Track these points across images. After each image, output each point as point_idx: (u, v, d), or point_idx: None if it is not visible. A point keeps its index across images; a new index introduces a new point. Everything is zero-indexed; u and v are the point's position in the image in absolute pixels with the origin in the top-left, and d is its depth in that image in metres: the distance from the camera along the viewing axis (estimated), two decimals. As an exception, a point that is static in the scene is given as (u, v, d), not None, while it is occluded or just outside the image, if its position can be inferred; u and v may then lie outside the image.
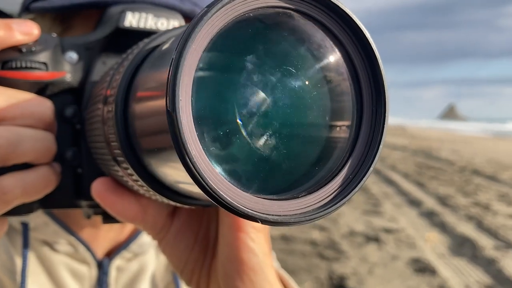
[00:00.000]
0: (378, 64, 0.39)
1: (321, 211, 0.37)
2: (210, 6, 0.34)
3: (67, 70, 0.66)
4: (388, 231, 6.49)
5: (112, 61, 0.68)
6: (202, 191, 0.34)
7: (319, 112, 0.41)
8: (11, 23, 0.62)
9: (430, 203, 8.23)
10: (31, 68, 0.62)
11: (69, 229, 0.90)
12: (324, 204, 0.38)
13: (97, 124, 0.55)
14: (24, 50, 0.62)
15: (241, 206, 0.35)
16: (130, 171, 0.49)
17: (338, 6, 0.37)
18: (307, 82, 0.40)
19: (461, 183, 10.46)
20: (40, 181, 0.61)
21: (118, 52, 0.69)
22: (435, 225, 6.84)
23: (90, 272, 0.92)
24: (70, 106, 0.66)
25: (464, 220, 7.08)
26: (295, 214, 0.37)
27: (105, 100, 0.52)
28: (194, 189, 0.37)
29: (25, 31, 0.62)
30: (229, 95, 0.38)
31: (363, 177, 0.39)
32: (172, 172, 0.41)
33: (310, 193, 0.38)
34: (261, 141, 0.39)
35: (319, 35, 0.39)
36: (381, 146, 0.39)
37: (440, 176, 11.32)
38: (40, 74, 0.63)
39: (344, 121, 0.41)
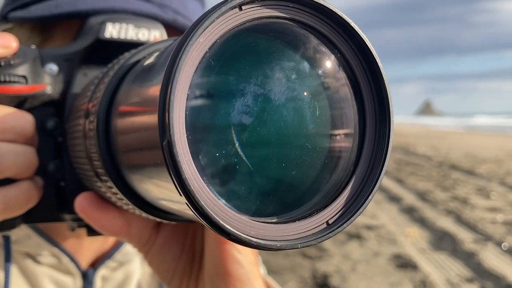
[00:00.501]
0: (379, 67, 0.36)
1: (320, 237, 0.35)
2: (200, 21, 0.31)
3: (48, 83, 0.65)
4: (369, 227, 6.57)
5: (93, 73, 0.67)
6: (195, 213, 0.32)
7: (319, 122, 0.38)
8: None
9: (409, 198, 8.35)
10: (10, 82, 0.61)
11: (53, 241, 0.89)
12: (324, 228, 0.35)
13: (78, 139, 0.54)
14: (2, 63, 0.61)
15: (235, 231, 0.32)
16: (114, 189, 0.48)
17: (332, 11, 0.35)
18: (305, 93, 0.38)
19: (439, 178, 10.64)
20: (22, 197, 0.60)
21: (99, 64, 0.68)
22: (415, 221, 6.94)
23: (74, 283, 0.91)
24: (52, 119, 0.65)
25: (443, 214, 7.20)
26: (294, 239, 0.34)
27: (87, 114, 0.50)
28: (178, 207, 0.35)
29: (3, 44, 0.62)
30: (223, 111, 0.35)
31: (369, 195, 0.36)
32: (157, 190, 0.39)
33: (308, 216, 0.35)
34: (258, 159, 0.36)
35: (314, 42, 0.37)
36: (388, 155, 0.37)
37: (419, 172, 11.50)
38: (19, 88, 0.62)
39: (345, 129, 0.38)
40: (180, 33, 0.80)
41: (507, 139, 26.53)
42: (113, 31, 0.67)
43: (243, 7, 0.32)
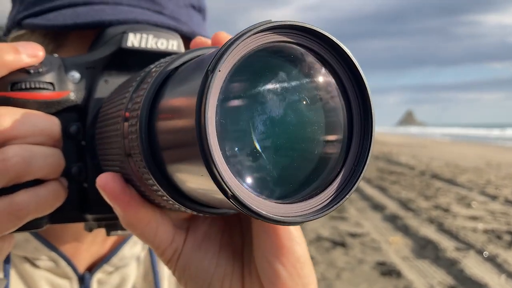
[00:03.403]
0: (364, 82, 0.46)
1: (320, 213, 0.44)
2: (233, 41, 0.40)
3: (71, 89, 0.69)
4: (353, 235, 6.62)
5: (114, 79, 0.71)
6: (229, 199, 0.40)
7: (316, 128, 0.47)
8: (18, 46, 0.64)
9: (392, 207, 8.45)
10: (39, 88, 0.65)
11: (50, 245, 0.90)
12: (324, 206, 0.45)
13: (115, 142, 0.57)
14: (32, 71, 0.64)
15: (260, 210, 0.41)
16: (152, 181, 0.51)
17: (327, 36, 0.44)
18: (304, 102, 0.47)
19: (421, 187, 10.79)
20: (51, 196, 0.63)
21: (120, 71, 0.71)
22: (398, 229, 7.02)
23: (71, 287, 0.91)
24: (75, 124, 0.68)
25: (426, 223, 7.30)
26: (301, 215, 0.44)
27: (126, 119, 0.54)
28: (217, 197, 0.42)
29: (31, 53, 0.64)
30: (245, 115, 0.44)
31: (354, 184, 0.46)
32: (196, 182, 0.45)
33: (309, 198, 0.45)
34: (272, 155, 0.45)
35: (311, 60, 0.46)
36: (370, 156, 0.46)
37: (402, 181, 11.65)
38: (47, 94, 0.65)
39: (336, 135, 0.47)
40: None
41: (487, 149, 27.05)
42: (134, 40, 0.70)
43: (262, 33, 0.41)
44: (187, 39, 0.80)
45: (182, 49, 0.73)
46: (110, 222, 0.71)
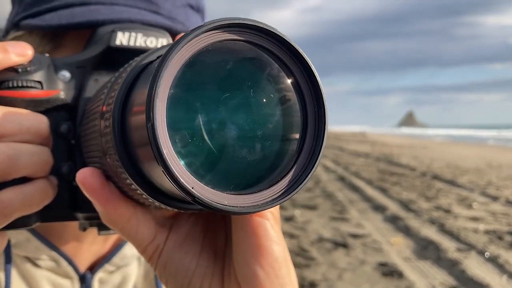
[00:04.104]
0: (318, 83, 0.47)
1: (271, 203, 0.47)
2: (179, 40, 0.41)
3: (61, 88, 0.69)
4: (355, 236, 6.62)
5: (103, 78, 0.71)
6: (180, 191, 0.42)
7: (275, 126, 0.49)
8: (6, 45, 0.64)
9: (394, 208, 8.44)
10: (27, 87, 0.65)
11: (51, 245, 0.90)
12: (274, 198, 0.47)
13: (95, 139, 0.58)
14: (20, 70, 0.64)
15: (212, 201, 0.43)
16: (128, 180, 0.51)
17: (284, 39, 0.45)
18: (264, 100, 0.48)
19: (422, 188, 10.78)
20: (38, 194, 0.63)
21: (109, 70, 0.71)
22: (400, 230, 7.01)
23: (73, 286, 0.92)
24: (65, 123, 0.69)
25: (427, 224, 7.29)
26: (253, 205, 0.46)
27: (102, 115, 0.54)
28: (164, 182, 0.44)
29: (20, 52, 0.65)
30: (197, 110, 0.45)
31: (304, 180, 0.48)
32: (161, 177, 0.46)
33: (262, 190, 0.47)
34: (227, 150, 0.47)
35: (266, 59, 0.47)
36: (321, 155, 0.48)
37: (403, 182, 11.64)
38: (36, 93, 0.65)
39: (293, 133, 0.49)
40: None
41: (488, 150, 27.03)
42: (123, 39, 0.70)
43: (211, 31, 0.42)
44: None
45: None
46: (101, 221, 0.71)
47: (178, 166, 0.41)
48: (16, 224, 0.63)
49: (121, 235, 0.60)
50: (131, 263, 0.99)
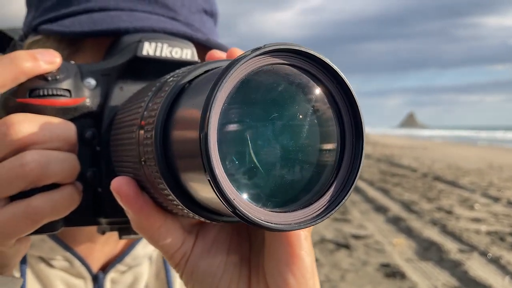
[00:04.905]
0: (353, 96, 0.49)
1: (316, 220, 0.48)
2: (232, 63, 0.43)
3: (87, 96, 0.70)
4: (357, 237, 6.62)
5: (129, 87, 0.73)
6: (228, 207, 0.43)
7: (312, 137, 0.50)
8: (36, 53, 0.65)
9: (395, 209, 8.45)
10: (57, 95, 0.66)
11: (66, 245, 0.91)
12: (318, 214, 0.48)
13: (130, 149, 0.59)
14: (49, 78, 0.66)
15: (258, 220, 0.45)
16: (166, 190, 0.53)
17: (322, 60, 0.47)
18: (300, 116, 0.50)
19: (424, 189, 10.78)
20: (66, 200, 0.64)
21: (134, 78, 0.73)
22: (402, 231, 7.02)
23: (86, 286, 0.93)
24: (90, 129, 0.70)
25: (429, 225, 7.29)
26: (298, 223, 0.47)
27: (141, 126, 0.56)
28: (209, 196, 0.45)
29: (49, 60, 0.66)
30: (244, 129, 0.47)
31: (349, 191, 0.49)
32: (205, 192, 0.47)
33: (306, 206, 0.48)
34: (270, 167, 0.48)
35: (305, 78, 0.49)
36: (362, 164, 0.49)
37: (404, 183, 11.64)
38: (65, 101, 0.67)
39: (331, 143, 0.50)
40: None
41: (489, 151, 27.02)
42: (149, 49, 0.72)
43: (262, 56, 0.45)
44: (201, 46, 0.82)
45: (196, 58, 0.75)
46: (123, 226, 0.73)
47: (224, 178, 0.43)
48: (43, 229, 0.64)
49: (149, 242, 0.61)
50: (143, 263, 1.00)
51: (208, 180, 0.42)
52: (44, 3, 0.89)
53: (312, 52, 0.46)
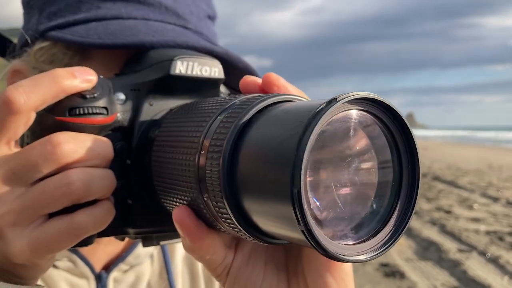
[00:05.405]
0: (409, 130, 0.53)
1: (383, 250, 0.51)
2: (320, 111, 0.46)
3: (117, 110, 0.72)
4: (356, 237, 6.62)
5: (158, 102, 0.74)
6: (319, 251, 0.46)
7: (384, 184, 0.54)
8: (74, 71, 0.66)
9: (395, 209, 8.44)
10: (95, 113, 0.67)
11: None
12: (384, 243, 0.52)
13: (183, 172, 0.60)
14: (88, 96, 0.67)
15: (341, 255, 0.48)
16: (230, 220, 0.54)
17: (392, 107, 0.51)
18: (374, 161, 0.54)
19: (423, 189, 10.78)
20: (106, 214, 0.66)
21: (164, 94, 0.75)
22: (401, 231, 7.02)
23: (89, 286, 0.94)
24: (119, 143, 0.72)
25: (428, 224, 7.30)
26: (367, 254, 0.51)
27: (202, 148, 0.57)
28: (296, 238, 0.48)
29: (86, 79, 0.67)
30: (325, 176, 0.51)
31: (408, 220, 0.53)
32: (281, 228, 0.50)
33: (372, 237, 0.52)
34: (346, 205, 0.52)
35: (376, 125, 0.53)
36: (419, 191, 0.53)
37: (403, 183, 11.62)
38: (103, 119, 0.69)
39: (389, 191, 0.54)
40: (232, 64, 0.86)
41: (489, 152, 27.01)
42: (181, 68, 0.74)
43: (338, 104, 0.47)
44: (219, 58, 0.82)
45: (222, 75, 0.78)
46: (148, 235, 0.75)
47: (317, 230, 0.46)
48: (80, 243, 0.65)
49: (195, 258, 0.64)
50: (144, 261, 1.01)
51: (302, 231, 0.45)
52: (50, 6, 0.87)
53: (378, 98, 0.49)
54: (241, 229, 0.54)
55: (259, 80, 0.64)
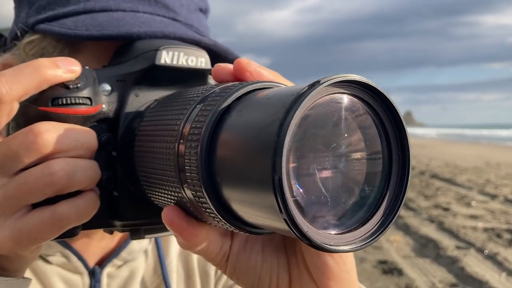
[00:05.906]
0: (398, 114, 0.52)
1: (370, 240, 0.50)
2: (301, 95, 0.44)
3: (103, 101, 0.71)
4: (354, 235, 6.63)
5: (144, 93, 0.74)
6: (303, 240, 0.45)
7: (372, 173, 0.52)
8: (57, 61, 0.65)
9: (393, 206, 8.46)
10: (79, 104, 0.67)
11: (62, 241, 0.92)
12: (372, 233, 0.50)
13: (165, 155, 0.59)
14: (71, 86, 0.66)
15: (327, 245, 0.47)
16: (210, 210, 0.53)
17: (378, 90, 0.49)
18: (361, 146, 0.52)
19: (421, 186, 10.81)
20: (89, 205, 0.65)
21: (150, 85, 0.74)
22: (399, 228, 7.04)
23: (83, 281, 0.94)
24: (105, 134, 0.71)
25: (426, 222, 7.32)
26: (353, 244, 0.49)
27: (182, 136, 0.56)
28: (279, 228, 0.46)
29: (70, 69, 0.66)
30: (309, 163, 0.49)
31: (397, 210, 0.51)
32: (262, 218, 0.48)
33: (359, 227, 0.50)
34: (333, 194, 0.50)
35: (362, 107, 0.51)
36: (409, 178, 0.52)
37: (401, 180, 11.65)
38: (86, 109, 0.68)
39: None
40: (221, 55, 0.85)
41: (486, 149, 27.07)
42: (166, 58, 0.73)
43: (320, 87, 0.45)
44: (208, 49, 0.82)
45: (209, 66, 0.77)
46: (135, 228, 0.74)
47: (299, 217, 0.44)
48: (65, 234, 0.65)
49: (192, 252, 0.63)
50: (138, 257, 1.00)
51: (284, 219, 0.43)
52: (40, 0, 0.87)
53: (363, 79, 0.48)
54: (222, 218, 0.53)
55: (231, 67, 0.62)
